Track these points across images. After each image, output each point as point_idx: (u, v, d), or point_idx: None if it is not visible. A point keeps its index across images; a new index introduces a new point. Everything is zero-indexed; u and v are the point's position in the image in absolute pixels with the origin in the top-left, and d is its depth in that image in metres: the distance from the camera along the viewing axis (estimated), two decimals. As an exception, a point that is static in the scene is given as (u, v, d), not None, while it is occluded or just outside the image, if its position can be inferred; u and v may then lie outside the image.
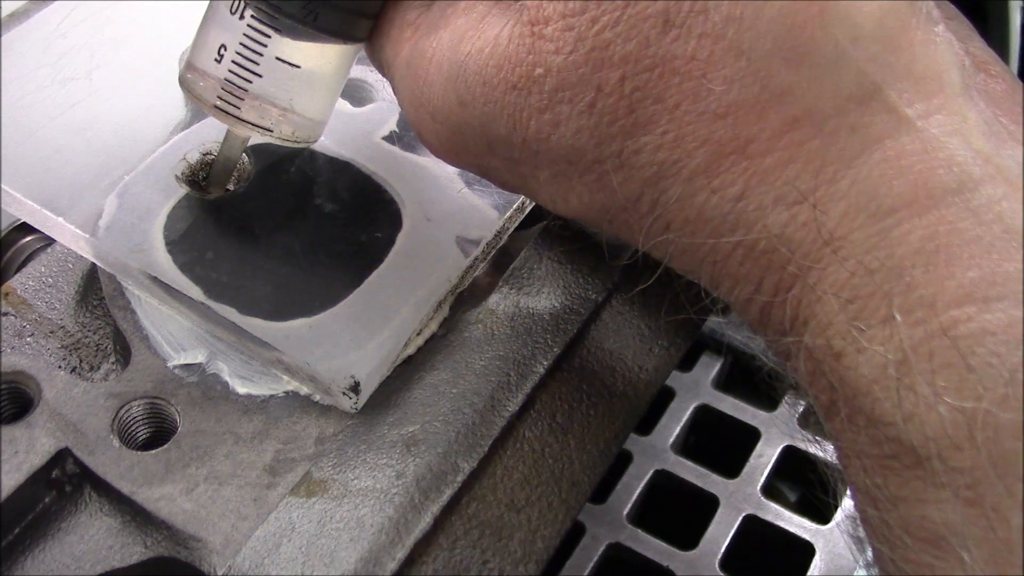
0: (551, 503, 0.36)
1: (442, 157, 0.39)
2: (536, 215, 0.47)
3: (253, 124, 0.39)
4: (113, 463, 0.38)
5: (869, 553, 0.34)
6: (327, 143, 0.46)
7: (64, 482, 0.38)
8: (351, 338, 0.40)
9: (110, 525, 0.37)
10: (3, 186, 0.43)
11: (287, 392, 0.40)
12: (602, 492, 1.02)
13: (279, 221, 0.44)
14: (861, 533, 0.34)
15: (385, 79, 0.40)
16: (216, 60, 0.38)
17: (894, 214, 0.30)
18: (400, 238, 0.43)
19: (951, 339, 0.28)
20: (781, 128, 0.31)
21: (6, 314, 0.44)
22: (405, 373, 0.40)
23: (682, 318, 0.36)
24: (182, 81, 0.40)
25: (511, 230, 0.45)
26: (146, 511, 0.37)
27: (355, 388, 0.39)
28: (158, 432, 0.39)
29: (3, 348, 0.42)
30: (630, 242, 0.36)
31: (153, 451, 0.38)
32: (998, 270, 0.28)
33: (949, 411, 0.28)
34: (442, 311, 0.42)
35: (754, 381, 1.18)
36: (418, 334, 0.41)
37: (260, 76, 0.38)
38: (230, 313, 0.40)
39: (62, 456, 0.38)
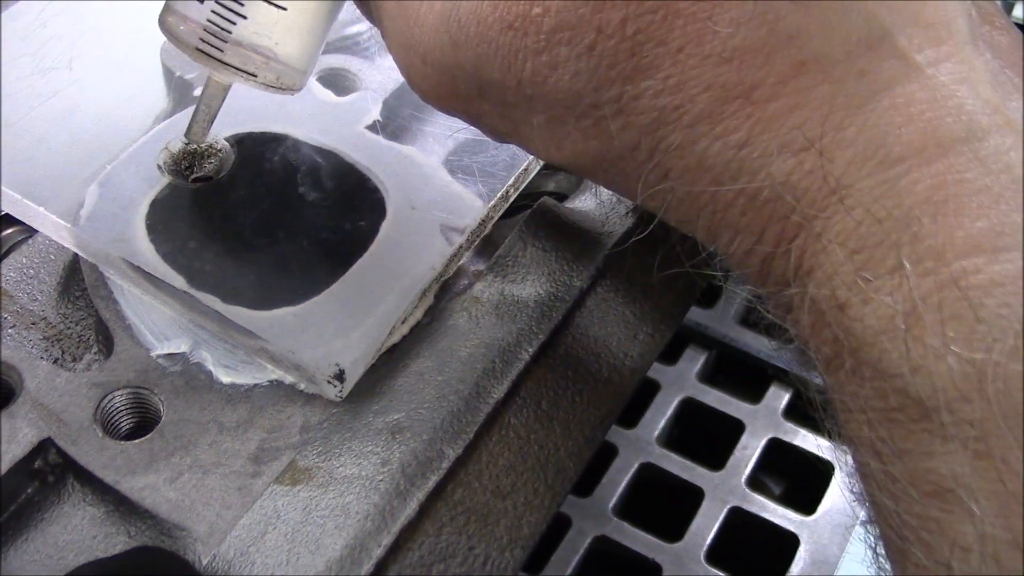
0: (537, 489, 0.36)
1: (431, 102, 0.37)
2: (520, 204, 0.47)
3: (236, 68, 0.37)
4: (96, 453, 0.38)
5: (863, 513, 0.34)
6: (310, 132, 0.46)
7: (47, 472, 0.38)
8: (335, 327, 0.40)
9: (93, 515, 0.37)
10: None
11: (271, 381, 0.40)
12: (588, 485, 1.03)
13: (262, 210, 0.43)
14: (859, 489, 0.34)
15: (374, 26, 0.39)
16: (199, 1, 0.37)
17: (902, 162, 0.29)
18: (384, 226, 0.43)
19: (960, 289, 0.27)
20: (788, 73, 0.30)
21: (-13, 305, 0.44)
22: (390, 361, 0.40)
23: (676, 272, 0.35)
24: (162, 24, 0.38)
25: (496, 218, 0.45)
26: (130, 501, 0.37)
27: (340, 376, 0.39)
28: (142, 422, 0.39)
29: None
30: (624, 193, 0.35)
31: (136, 441, 0.38)
32: (1007, 220, 0.28)
33: (958, 362, 0.28)
34: (427, 299, 0.42)
35: (739, 374, 1.19)
36: (403, 322, 0.41)
37: (244, 18, 0.37)
38: (213, 302, 0.40)
39: (44, 446, 0.38)
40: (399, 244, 0.43)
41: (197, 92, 0.48)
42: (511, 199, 0.45)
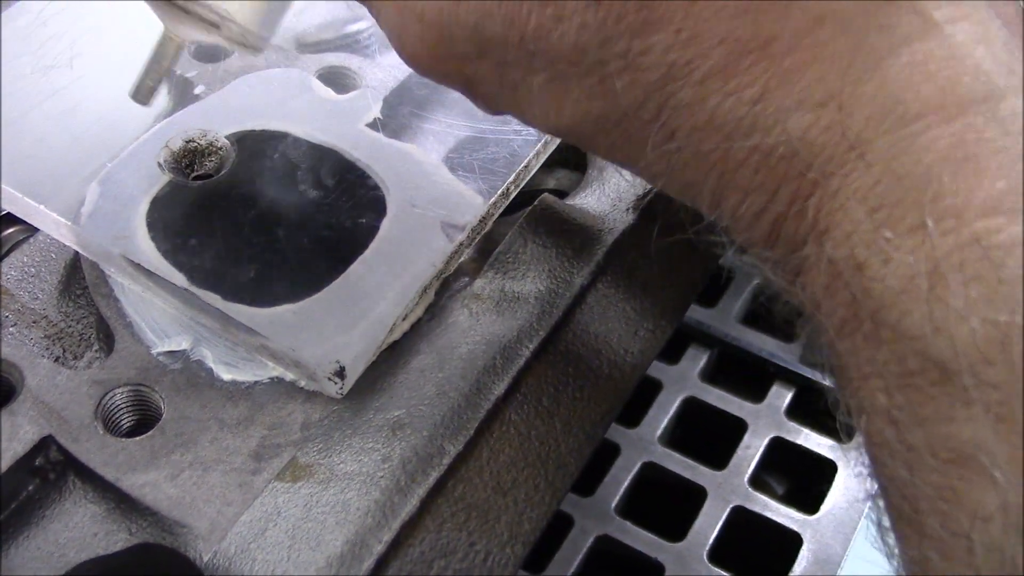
0: (537, 485, 0.36)
1: (423, 66, 0.36)
2: (520, 202, 0.47)
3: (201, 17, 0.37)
4: (97, 450, 0.38)
5: (871, 486, 0.33)
6: (310, 130, 0.46)
7: (48, 470, 0.38)
8: (336, 324, 0.40)
9: (94, 512, 0.37)
10: None
11: (272, 378, 0.40)
12: (590, 485, 1.03)
13: (263, 208, 0.43)
14: (868, 463, 0.33)
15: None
16: None
17: (921, 119, 0.29)
18: (384, 224, 0.43)
19: (983, 249, 0.27)
20: (806, 26, 0.29)
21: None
22: (391, 358, 0.40)
23: (679, 239, 0.34)
24: None
25: (496, 215, 0.45)
26: (131, 498, 0.37)
27: (340, 373, 0.38)
28: (142, 419, 0.39)
29: None
30: (626, 161, 0.34)
31: (137, 438, 0.38)
32: None
33: (981, 324, 0.27)
34: (427, 296, 0.42)
35: (741, 373, 1.18)
36: (403, 319, 0.41)
37: None
38: (214, 300, 0.40)
39: (45, 444, 0.38)
40: (400, 241, 0.43)
41: (198, 91, 0.48)
42: (511, 196, 0.46)
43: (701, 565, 0.96)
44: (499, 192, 0.45)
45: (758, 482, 1.02)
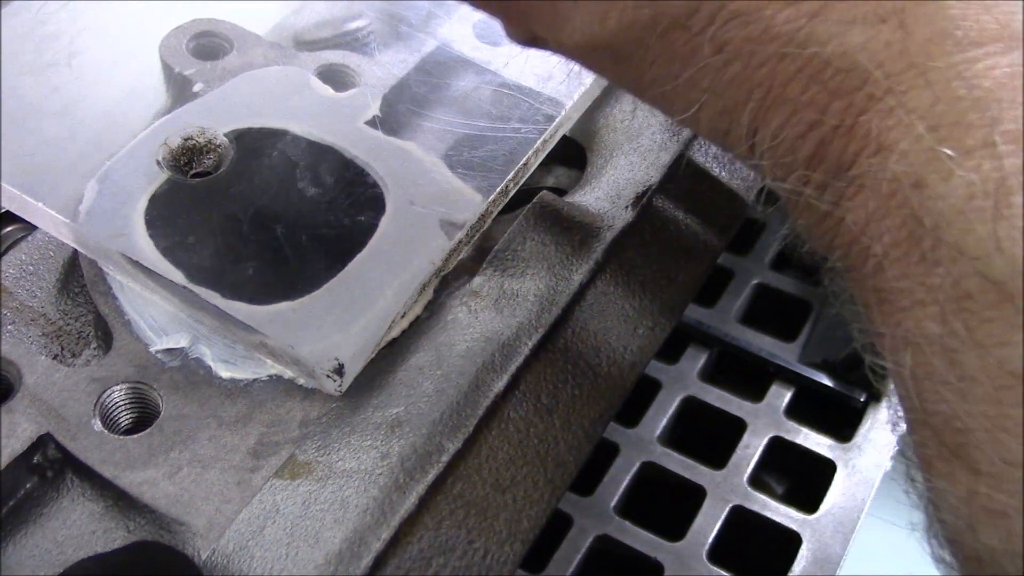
0: (536, 483, 0.36)
1: None
2: (519, 200, 0.47)
3: None
4: (95, 448, 0.38)
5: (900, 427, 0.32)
6: (309, 128, 0.46)
7: (46, 467, 0.38)
8: (335, 321, 0.40)
9: (92, 510, 0.37)
10: None
11: (271, 376, 0.40)
12: (589, 484, 1.03)
13: (261, 205, 0.44)
14: (906, 405, 0.32)
15: None
16: None
17: (980, 47, 0.29)
18: (383, 221, 0.43)
19: None
20: None
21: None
22: (389, 355, 0.41)
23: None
24: None
25: (495, 213, 0.45)
26: (129, 495, 0.37)
27: (339, 371, 0.39)
28: (141, 417, 0.39)
29: None
30: (663, 81, 0.33)
31: (136, 436, 0.38)
32: None
33: None
34: (426, 294, 0.42)
35: (740, 373, 1.18)
36: (402, 316, 0.41)
37: None
38: (213, 297, 0.40)
39: (43, 441, 0.38)
40: (398, 239, 0.43)
41: (196, 88, 0.48)
42: (511, 194, 0.46)
43: (700, 564, 0.96)
44: (498, 190, 0.45)
45: (757, 482, 1.02)
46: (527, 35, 0.36)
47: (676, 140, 0.45)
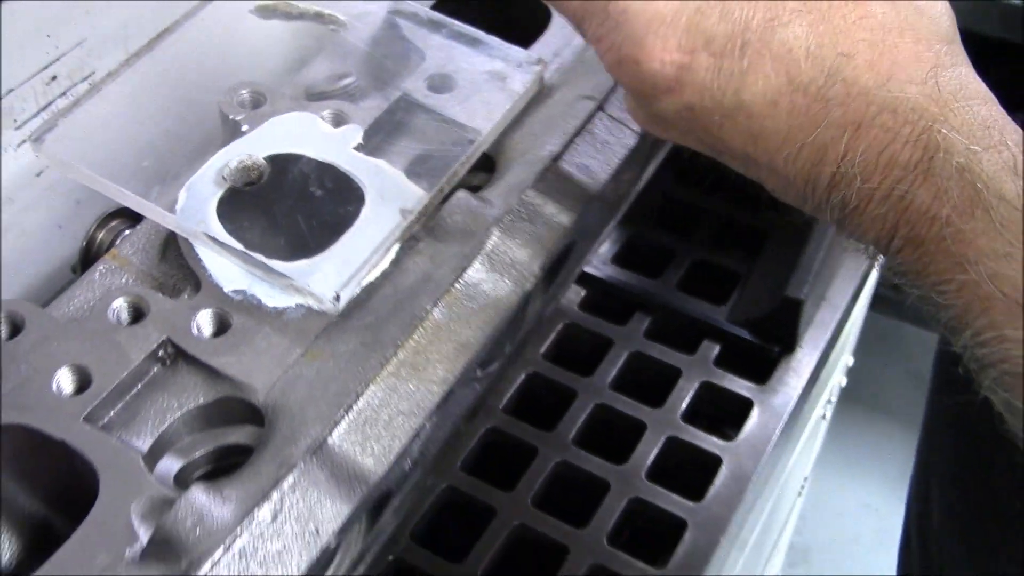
0: (449, 355, 0.62)
1: (652, 70, 0.51)
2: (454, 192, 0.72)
3: None
4: (194, 345, 0.63)
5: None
6: (318, 153, 0.71)
7: (166, 358, 0.63)
8: (334, 270, 0.64)
9: (195, 380, 0.61)
10: (119, 187, 0.68)
11: (298, 304, 0.65)
12: (551, 421, 1.26)
13: (289, 203, 0.69)
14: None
15: None
16: None
17: (976, 99, 0.47)
18: (364, 210, 0.68)
19: None
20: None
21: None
22: (367, 291, 0.66)
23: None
24: None
25: (436, 203, 0.69)
26: (216, 371, 0.61)
27: (337, 299, 0.64)
28: (220, 328, 0.63)
29: (127, 287, 0.66)
30: (787, 137, 0.49)
31: (218, 338, 0.63)
32: None
33: None
34: (390, 254, 0.66)
35: (677, 331, 1.38)
36: (375, 267, 0.66)
37: None
38: (260, 257, 0.62)
39: (164, 343, 0.63)
40: (374, 220, 0.68)
41: (244, 128, 0.73)
42: (446, 191, 0.70)
43: (640, 483, 1.20)
44: (436, 188, 0.69)
45: (689, 417, 1.26)
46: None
47: (548, 158, 0.70)
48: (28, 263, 0.72)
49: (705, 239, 1.42)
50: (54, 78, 0.74)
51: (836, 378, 1.63)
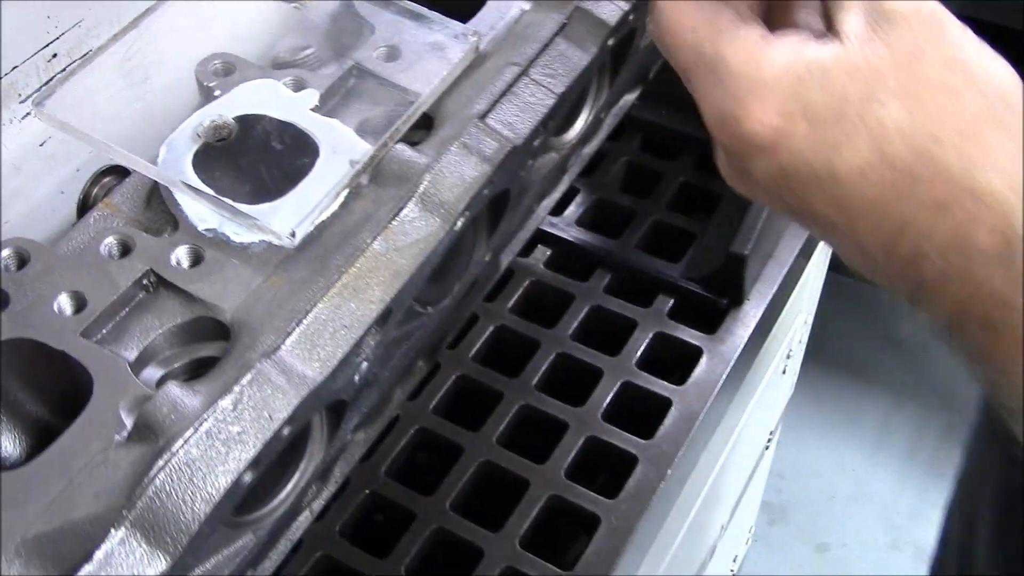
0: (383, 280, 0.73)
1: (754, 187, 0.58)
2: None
3: None
4: (174, 273, 0.73)
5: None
6: (279, 113, 0.82)
7: (148, 286, 0.74)
8: (291, 210, 0.76)
9: (173, 304, 0.72)
10: (113, 145, 0.79)
11: (260, 240, 0.76)
12: (517, 367, 1.39)
13: (254, 156, 0.79)
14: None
15: None
16: None
17: (992, 199, 0.50)
18: (318, 162, 0.79)
19: None
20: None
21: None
22: (319, 229, 0.77)
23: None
24: None
25: (381, 156, 0.81)
26: (191, 295, 0.72)
27: (293, 235, 0.75)
28: (195, 260, 0.73)
29: (116, 228, 0.78)
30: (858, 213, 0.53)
31: (194, 268, 0.74)
32: None
33: None
34: (340, 198, 0.77)
35: (635, 287, 1.50)
36: (327, 208, 0.78)
37: None
38: (228, 201, 0.76)
39: (148, 273, 0.74)
40: (328, 170, 0.79)
41: (216, 93, 0.84)
42: (390, 146, 0.81)
43: (597, 423, 1.32)
44: (380, 142, 0.80)
45: (643, 365, 1.37)
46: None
47: (476, 115, 0.80)
48: (35, 224, 0.82)
49: (665, 203, 1.54)
50: (55, 56, 0.85)
51: (793, 334, 1.73)
